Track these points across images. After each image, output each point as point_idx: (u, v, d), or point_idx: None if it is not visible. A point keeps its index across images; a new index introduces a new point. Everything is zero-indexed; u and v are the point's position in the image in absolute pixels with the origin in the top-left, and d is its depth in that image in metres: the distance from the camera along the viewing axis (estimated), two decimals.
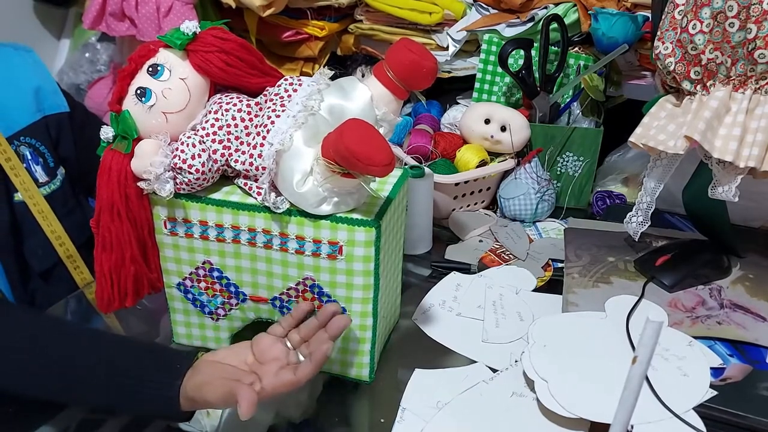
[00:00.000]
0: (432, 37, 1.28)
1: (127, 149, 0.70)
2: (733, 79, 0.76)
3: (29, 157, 0.93)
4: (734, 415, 0.70)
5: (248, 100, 0.73)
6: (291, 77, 0.73)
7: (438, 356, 0.83)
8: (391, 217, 0.73)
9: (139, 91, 0.69)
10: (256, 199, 0.71)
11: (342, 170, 0.64)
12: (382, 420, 0.74)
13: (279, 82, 0.72)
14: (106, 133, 0.71)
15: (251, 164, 0.70)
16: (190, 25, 0.70)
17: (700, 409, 0.69)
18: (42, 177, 0.94)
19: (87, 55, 1.53)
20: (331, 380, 0.80)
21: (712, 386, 0.71)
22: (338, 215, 0.68)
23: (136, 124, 0.70)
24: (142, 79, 0.70)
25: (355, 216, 0.68)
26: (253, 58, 0.73)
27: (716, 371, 0.75)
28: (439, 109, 1.31)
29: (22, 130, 0.93)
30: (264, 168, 0.68)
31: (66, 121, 0.98)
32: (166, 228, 0.75)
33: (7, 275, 0.91)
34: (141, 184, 0.70)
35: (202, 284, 0.78)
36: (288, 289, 0.75)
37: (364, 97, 0.69)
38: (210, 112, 0.72)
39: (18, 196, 0.92)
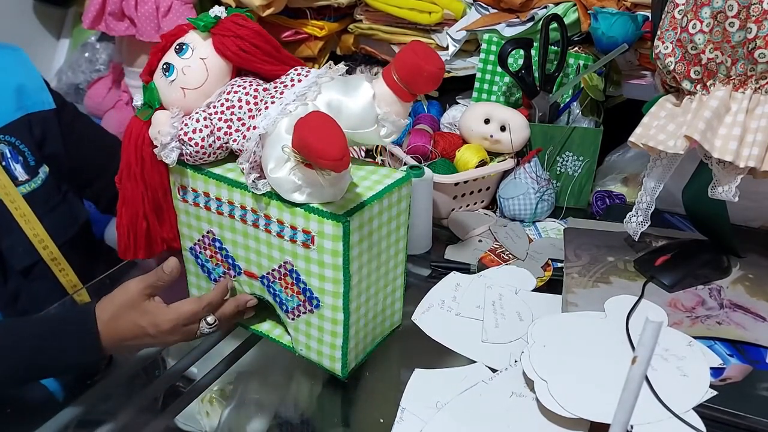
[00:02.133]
0: (432, 37, 1.28)
1: (147, 117, 0.77)
2: (733, 79, 0.76)
3: (8, 155, 0.93)
4: (734, 415, 0.70)
5: (258, 85, 0.76)
6: (301, 67, 0.76)
7: (437, 356, 0.83)
8: (374, 217, 0.73)
9: (164, 66, 0.75)
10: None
11: (304, 160, 0.65)
12: (381, 420, 0.74)
13: (288, 71, 0.75)
14: (137, 100, 0.79)
15: (242, 145, 0.73)
16: (216, 10, 0.75)
17: (700, 409, 0.69)
18: (22, 175, 0.94)
19: (86, 54, 1.53)
20: (331, 380, 0.80)
21: (711, 386, 0.71)
22: (311, 205, 0.69)
23: (160, 96, 0.76)
24: (169, 55, 0.76)
25: (325, 208, 0.69)
26: (268, 46, 0.76)
27: (716, 371, 0.75)
28: (438, 109, 1.31)
29: (1, 128, 0.92)
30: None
31: (52, 118, 0.98)
32: (179, 194, 0.81)
33: None
34: (154, 150, 0.76)
35: (208, 252, 0.82)
36: (272, 270, 0.76)
37: (366, 95, 0.70)
38: (224, 93, 0.76)
39: None
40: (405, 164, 1.10)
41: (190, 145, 0.74)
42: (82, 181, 1.04)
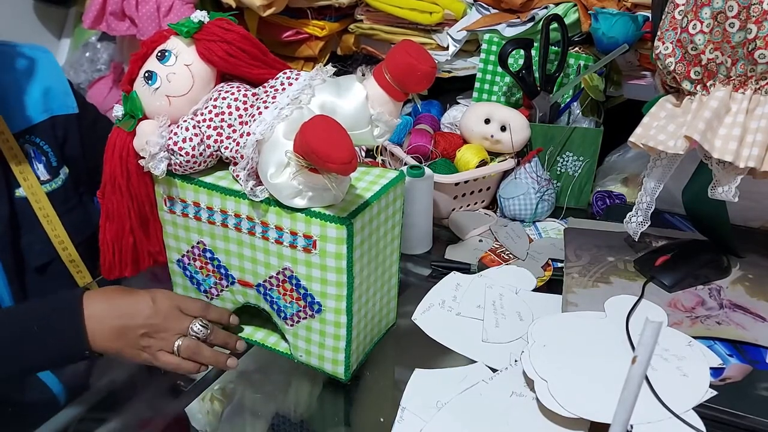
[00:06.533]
0: (432, 37, 1.28)
1: (131, 128, 0.74)
2: (733, 79, 0.76)
3: (32, 155, 0.95)
4: (734, 415, 0.70)
5: (246, 90, 0.74)
6: (290, 71, 0.75)
7: (438, 356, 0.83)
8: (373, 217, 0.73)
9: (146, 74, 0.73)
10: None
11: (308, 165, 0.64)
12: (381, 420, 0.74)
13: (278, 75, 0.74)
14: (117, 111, 0.76)
15: (236, 152, 0.72)
16: (199, 15, 0.73)
17: (700, 409, 0.69)
18: (44, 175, 0.96)
19: (87, 54, 1.53)
20: (332, 379, 0.80)
21: (711, 386, 0.71)
22: (313, 209, 0.69)
23: (143, 105, 0.74)
24: (150, 62, 0.74)
25: (327, 212, 0.68)
26: (255, 50, 0.75)
27: (716, 371, 0.75)
28: (439, 109, 1.31)
29: (27, 128, 0.94)
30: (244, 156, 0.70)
31: (74, 121, 1.00)
32: (166, 205, 0.79)
33: (5, 269, 0.91)
34: (141, 162, 0.74)
35: (197, 263, 0.81)
36: (270, 278, 0.75)
37: (359, 96, 0.70)
38: (210, 99, 0.74)
39: (19, 192, 0.93)
40: (405, 164, 1.10)
41: (180, 155, 0.72)
42: (97, 184, 1.05)
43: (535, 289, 0.95)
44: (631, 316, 0.81)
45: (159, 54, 0.73)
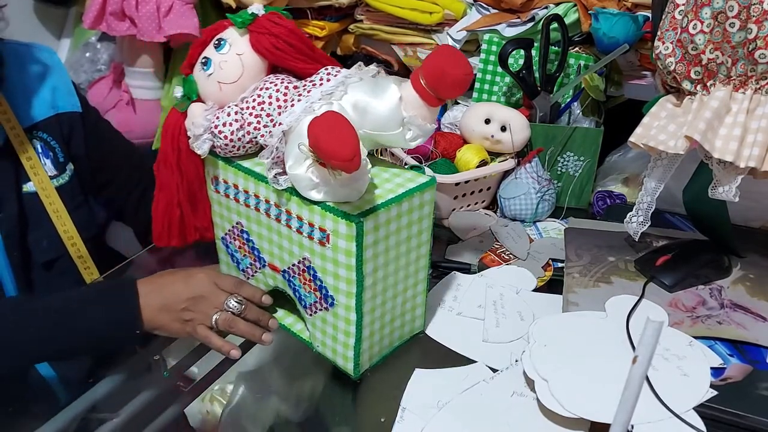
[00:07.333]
0: (432, 37, 1.28)
1: (184, 109, 0.79)
2: (734, 79, 0.76)
3: (40, 151, 0.96)
4: (734, 415, 0.70)
5: (289, 83, 0.77)
6: (332, 67, 0.77)
7: (438, 356, 0.83)
8: (391, 219, 0.72)
9: (203, 60, 0.78)
10: None
11: (318, 159, 0.65)
12: (382, 419, 0.74)
13: (319, 70, 0.76)
14: (177, 92, 0.81)
15: (268, 141, 0.74)
16: (254, 7, 0.77)
17: (701, 409, 0.69)
18: (51, 171, 0.97)
19: (87, 54, 1.53)
20: (332, 380, 0.80)
21: (712, 386, 0.71)
22: (327, 204, 0.70)
23: (198, 88, 0.79)
24: (208, 49, 0.78)
25: (340, 208, 0.69)
26: (302, 45, 0.77)
27: (716, 371, 0.75)
28: (439, 109, 1.31)
29: (35, 124, 0.96)
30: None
31: (78, 120, 1.02)
32: (212, 184, 0.84)
33: (12, 266, 0.92)
34: (190, 141, 0.79)
35: (236, 243, 0.85)
36: (293, 265, 0.77)
37: (393, 98, 0.70)
38: (257, 88, 0.77)
39: (27, 187, 0.95)
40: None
41: (220, 138, 0.76)
42: (98, 184, 1.07)
43: (536, 289, 0.95)
44: (632, 316, 0.81)
45: (216, 42, 0.77)
